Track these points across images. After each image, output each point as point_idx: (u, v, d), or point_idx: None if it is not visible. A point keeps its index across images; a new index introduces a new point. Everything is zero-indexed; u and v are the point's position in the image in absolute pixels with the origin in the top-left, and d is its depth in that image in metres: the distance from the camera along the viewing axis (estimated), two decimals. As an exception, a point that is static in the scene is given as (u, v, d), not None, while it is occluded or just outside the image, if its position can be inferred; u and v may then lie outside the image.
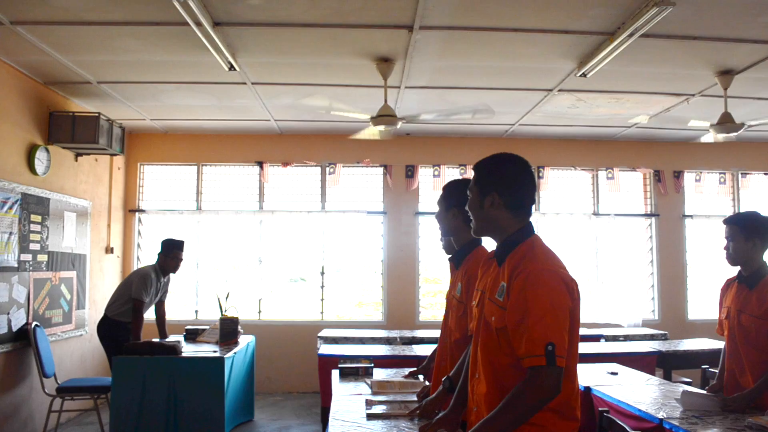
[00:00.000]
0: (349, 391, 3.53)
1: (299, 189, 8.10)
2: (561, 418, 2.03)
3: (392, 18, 4.34)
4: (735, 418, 2.94)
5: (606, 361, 4.89)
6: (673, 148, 8.32)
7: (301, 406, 7.07)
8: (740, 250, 3.29)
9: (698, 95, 6.14)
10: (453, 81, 5.78)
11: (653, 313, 8.30)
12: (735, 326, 3.34)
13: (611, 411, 3.21)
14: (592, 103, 6.47)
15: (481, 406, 2.15)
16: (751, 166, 8.47)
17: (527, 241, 2.15)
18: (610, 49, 4.63)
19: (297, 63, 5.34)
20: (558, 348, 1.91)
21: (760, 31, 4.58)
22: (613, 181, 8.26)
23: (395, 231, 8.02)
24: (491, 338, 2.11)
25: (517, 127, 7.52)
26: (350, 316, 8.24)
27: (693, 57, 5.11)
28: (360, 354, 4.97)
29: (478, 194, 2.21)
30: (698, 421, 2.92)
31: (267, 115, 7.04)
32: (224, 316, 5.82)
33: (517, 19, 4.37)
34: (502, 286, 2.08)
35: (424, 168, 8.11)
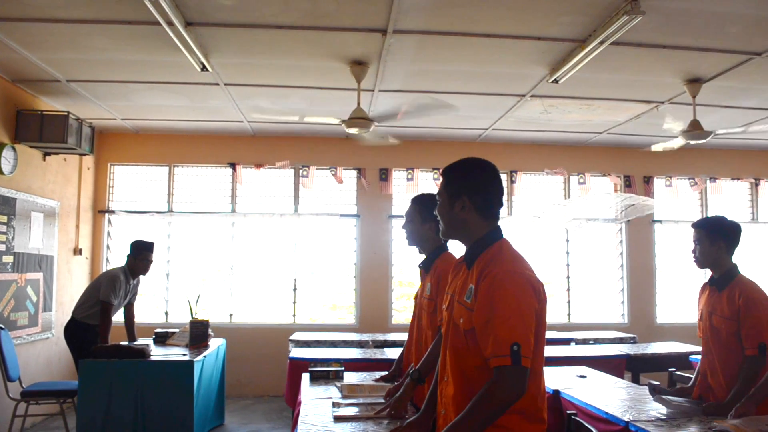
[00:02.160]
0: (319, 394, 3.52)
1: (272, 191, 8.06)
2: (527, 420, 2.05)
3: (366, 21, 4.34)
4: (700, 421, 2.98)
5: (576, 365, 4.95)
6: (644, 154, 8.41)
7: (272, 409, 7.02)
8: (706, 253, 3.38)
9: (668, 102, 6.25)
10: (427, 85, 5.80)
11: (623, 317, 8.41)
12: (708, 328, 3.42)
13: (579, 414, 3.25)
14: (564, 109, 6.54)
15: (449, 408, 2.16)
16: (719, 172, 8.63)
17: (496, 245, 2.17)
18: (582, 56, 4.69)
19: (270, 65, 5.31)
20: (523, 348, 1.93)
21: (728, 40, 4.67)
22: (585, 186, 8.36)
23: (369, 234, 8.02)
24: (460, 340, 2.13)
25: (490, 131, 7.57)
26: (323, 319, 8.21)
27: (662, 65, 5.19)
28: (331, 357, 4.96)
29: (447, 198, 2.23)
30: (664, 423, 2.96)
31: (240, 117, 6.99)
32: (194, 318, 5.76)
33: (491, 24, 4.41)
34: (471, 288, 2.10)
35: (398, 171, 8.12)
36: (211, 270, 8.06)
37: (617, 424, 3.08)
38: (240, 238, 7.99)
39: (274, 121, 7.20)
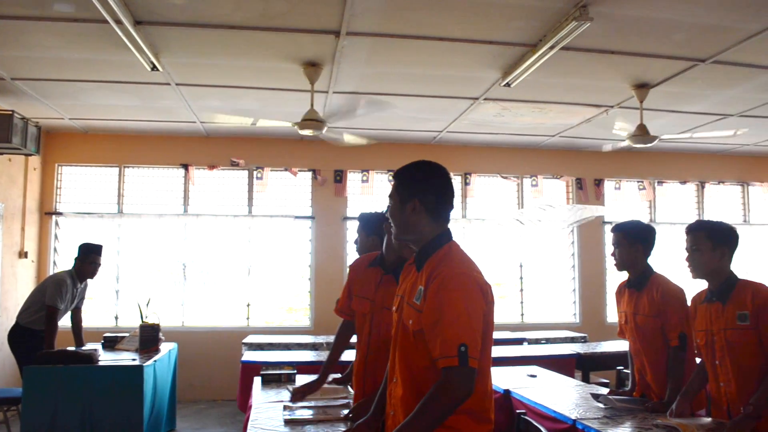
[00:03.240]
0: (270, 398, 3.50)
1: (226, 192, 7.96)
2: (475, 420, 2.07)
3: (319, 23, 4.33)
4: (644, 418, 3.07)
5: (527, 364, 5.02)
6: (595, 156, 8.62)
7: (225, 414, 6.93)
8: (626, 255, 3.50)
9: (617, 107, 6.39)
10: (381, 87, 5.81)
11: (574, 317, 8.57)
12: (634, 329, 3.55)
13: (529, 413, 3.30)
14: (517, 112, 6.63)
15: (397, 409, 2.17)
16: (666, 175, 8.88)
17: (445, 247, 2.19)
18: (533, 60, 4.76)
19: (222, 65, 5.25)
20: (471, 349, 1.95)
21: (674, 47, 4.81)
22: (537, 188, 8.49)
23: (323, 236, 7.99)
24: (408, 342, 2.14)
25: (445, 134, 7.63)
26: (280, 321, 8.14)
27: (611, 70, 5.31)
28: (285, 360, 4.92)
29: (399, 201, 2.24)
30: (609, 421, 3.04)
31: (192, 117, 6.89)
32: (144, 322, 5.65)
33: (443, 28, 4.44)
34: (420, 290, 2.12)
35: (353, 173, 8.11)
36: (162, 273, 7.92)
37: (565, 422, 3.14)
38: (193, 240, 7.87)
39: (227, 121, 7.10)
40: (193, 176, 7.79)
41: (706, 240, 3.02)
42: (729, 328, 2.94)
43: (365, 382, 3.13)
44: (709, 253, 3.01)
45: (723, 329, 2.96)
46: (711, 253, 3.01)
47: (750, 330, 2.88)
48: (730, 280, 3.03)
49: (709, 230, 3.05)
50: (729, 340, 2.94)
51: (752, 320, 2.87)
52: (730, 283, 3.02)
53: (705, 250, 3.02)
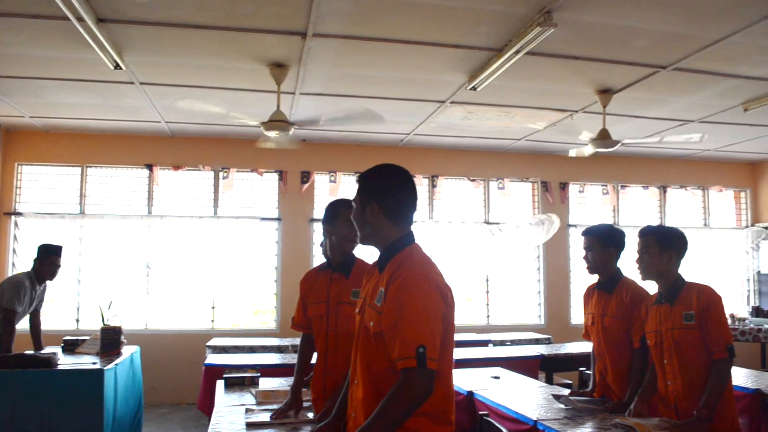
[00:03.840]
0: (233, 401, 3.47)
1: (191, 194, 7.87)
2: (434, 422, 2.08)
3: (285, 24, 4.31)
4: (603, 418, 3.12)
5: (492, 366, 5.06)
6: (560, 160, 8.73)
7: (189, 418, 6.85)
8: (598, 258, 3.56)
9: (581, 111, 6.49)
10: (348, 89, 5.81)
11: (539, 318, 8.67)
12: (600, 330, 3.62)
13: (491, 414, 3.32)
14: (483, 116, 6.69)
15: (358, 411, 2.17)
16: (629, 179, 9.05)
17: (406, 249, 2.20)
18: (498, 64, 4.81)
19: (188, 64, 5.19)
20: (429, 351, 1.96)
21: (636, 54, 4.90)
22: (504, 191, 8.57)
23: (290, 237, 7.95)
24: (369, 343, 2.15)
25: (412, 136, 7.65)
26: (247, 324, 8.07)
27: (575, 75, 5.39)
28: (249, 363, 4.88)
29: (359, 204, 2.25)
30: (569, 421, 3.08)
31: (157, 117, 6.80)
32: (106, 325, 5.54)
33: (410, 31, 4.46)
34: (381, 291, 2.13)
35: (320, 175, 8.09)
36: (125, 275, 7.79)
37: (526, 423, 3.18)
38: (157, 241, 7.76)
39: (192, 121, 7.03)
40: (157, 177, 7.68)
41: (654, 244, 3.16)
42: (676, 328, 3.07)
43: (326, 379, 3.14)
44: (657, 256, 3.15)
45: (671, 329, 3.09)
46: (659, 256, 3.15)
47: (695, 329, 3.02)
48: (678, 283, 3.16)
49: (658, 235, 3.19)
50: (676, 339, 3.06)
51: (697, 320, 3.02)
52: (677, 286, 3.16)
53: (653, 254, 3.15)
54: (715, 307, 3.02)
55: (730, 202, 9.68)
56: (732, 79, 5.47)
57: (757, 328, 7.36)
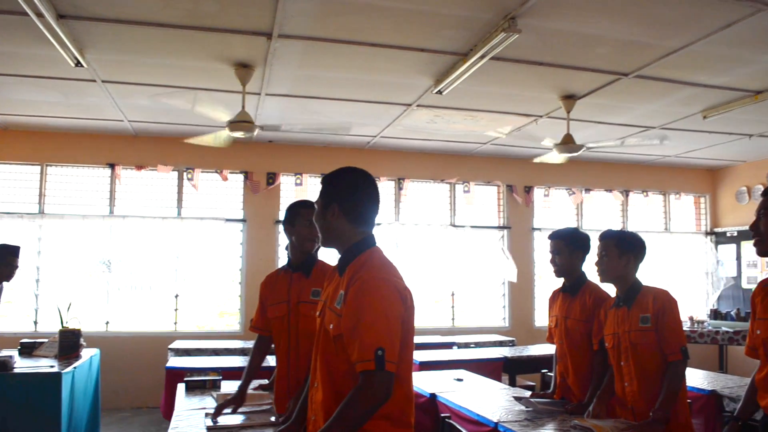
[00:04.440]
0: (194, 405, 3.43)
1: (154, 194, 7.76)
2: (394, 425, 2.08)
3: (250, 24, 4.28)
4: (563, 420, 3.16)
5: (456, 368, 5.09)
6: (525, 164, 8.82)
7: (150, 421, 6.74)
8: (566, 262, 3.60)
9: (545, 116, 6.57)
10: (314, 91, 5.79)
11: (504, 321, 8.75)
12: (563, 332, 3.66)
13: (453, 416, 3.35)
14: (449, 119, 6.72)
15: (318, 414, 2.16)
16: (593, 183, 9.19)
17: (367, 252, 2.19)
18: (464, 69, 4.84)
19: (151, 63, 5.11)
20: (388, 353, 1.96)
21: (598, 61, 4.98)
22: (469, 195, 8.63)
23: (255, 239, 7.88)
24: (329, 346, 2.14)
25: (379, 139, 7.66)
26: (212, 326, 7.98)
27: (540, 81, 5.45)
28: (212, 366, 4.82)
29: (321, 206, 2.24)
30: (529, 423, 3.11)
31: (120, 115, 6.68)
32: (65, 327, 5.43)
33: (376, 34, 4.46)
34: (341, 294, 2.12)
35: (286, 176, 8.05)
36: (86, 276, 7.64)
37: (487, 425, 3.20)
38: (118, 242, 7.63)
39: (156, 120, 6.93)
40: (120, 176, 7.55)
41: (614, 248, 3.21)
42: (633, 330, 3.12)
43: (289, 380, 3.14)
44: (615, 260, 3.20)
45: (627, 331, 3.14)
46: (617, 260, 3.20)
47: (650, 332, 3.07)
48: (635, 287, 3.22)
49: (617, 239, 3.24)
50: (633, 341, 3.11)
51: (653, 323, 3.07)
52: (635, 289, 3.21)
53: (612, 257, 3.21)
54: (671, 310, 3.08)
55: (690, 207, 9.91)
56: (692, 87, 5.59)
57: (715, 331, 7.53)
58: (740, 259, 9.23)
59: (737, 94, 5.78)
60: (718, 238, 9.68)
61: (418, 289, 8.30)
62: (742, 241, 9.17)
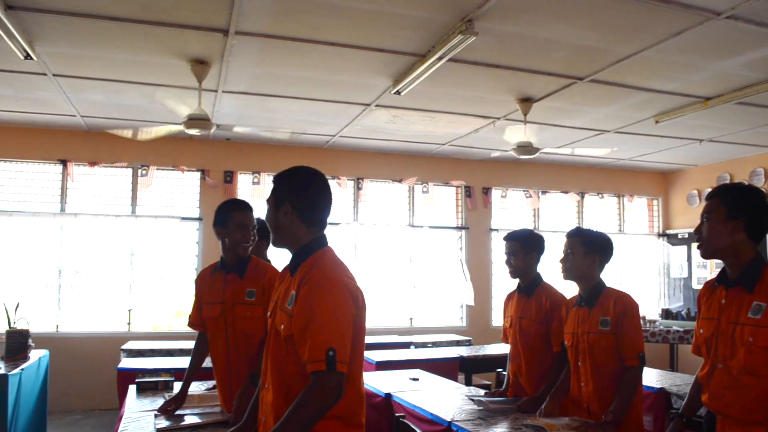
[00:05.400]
0: (144, 407, 3.36)
1: (107, 191, 7.58)
2: (345, 425, 2.08)
3: (207, 20, 4.22)
4: (515, 418, 3.20)
5: (412, 368, 5.10)
6: (483, 165, 8.93)
7: (102, 424, 6.60)
8: (522, 264, 3.64)
9: (503, 119, 6.63)
10: (272, 89, 5.74)
11: (461, 320, 8.81)
12: (517, 332, 3.70)
13: (408, 416, 3.36)
14: (408, 120, 6.74)
15: (268, 415, 2.15)
16: (550, 185, 9.33)
17: (319, 252, 2.19)
18: (422, 69, 4.86)
19: (105, 57, 4.99)
20: (339, 354, 1.96)
21: (554, 65, 5.05)
22: (428, 195, 8.68)
23: (212, 238, 7.73)
24: (280, 347, 2.13)
25: (338, 138, 7.64)
26: (169, 326, 7.84)
27: (497, 84, 5.51)
28: (165, 367, 4.74)
29: (273, 205, 2.23)
30: (482, 422, 3.14)
31: (72, 110, 6.52)
32: (12, 328, 5.27)
33: (334, 33, 4.45)
34: (292, 295, 2.11)
35: (244, 174, 7.96)
36: (35, 275, 7.43)
37: (441, 424, 3.22)
38: (70, 240, 7.44)
39: (110, 116, 6.78)
40: (72, 173, 7.36)
41: (580, 246, 3.21)
42: (591, 332, 3.11)
43: (231, 381, 3.12)
44: (581, 258, 3.20)
45: (587, 332, 3.13)
46: (583, 258, 3.19)
47: (609, 335, 3.05)
48: (598, 287, 3.21)
49: (585, 237, 3.24)
50: (591, 343, 3.11)
51: (612, 326, 3.06)
52: (597, 290, 3.21)
53: (578, 255, 3.21)
54: (631, 315, 3.07)
55: (643, 209, 10.14)
56: (644, 93, 5.72)
57: (666, 330, 7.71)
58: (691, 260, 9.49)
59: (688, 100, 5.94)
60: (670, 239, 9.93)
61: (376, 289, 8.33)
62: (693, 242, 9.42)
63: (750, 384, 2.26)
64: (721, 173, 9.03)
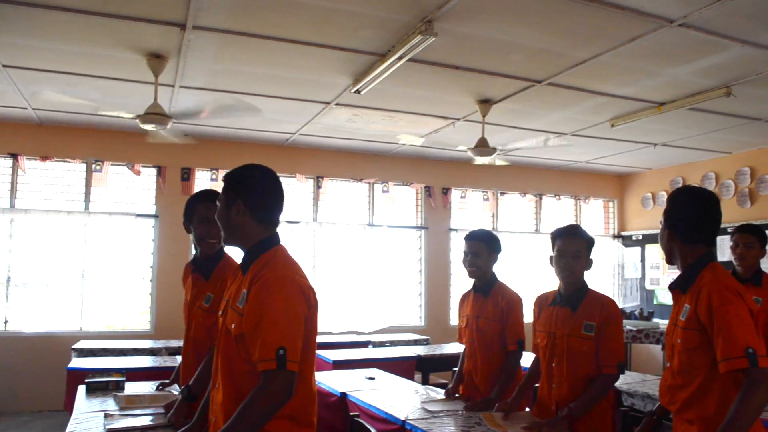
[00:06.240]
0: (94, 407, 3.28)
1: (60, 187, 7.38)
2: (296, 424, 2.07)
3: (163, 14, 4.14)
4: (468, 417, 3.22)
5: (370, 366, 5.10)
6: (443, 166, 8.98)
7: (52, 425, 6.43)
8: (482, 263, 3.68)
9: (462, 120, 6.68)
10: (231, 85, 5.66)
11: (420, 319, 8.85)
12: (474, 331, 3.73)
13: (363, 415, 3.35)
14: (368, 119, 6.74)
15: (219, 415, 2.13)
16: (508, 186, 9.44)
17: (271, 250, 2.17)
18: (382, 69, 4.86)
19: (58, 49, 4.85)
20: (289, 353, 1.94)
21: (513, 67, 5.11)
22: (388, 195, 8.69)
23: (168, 236, 7.63)
24: (231, 346, 2.11)
25: (298, 136, 7.58)
26: (123, 325, 7.68)
27: (456, 85, 5.54)
28: (116, 367, 4.65)
29: (225, 203, 2.20)
30: (435, 420, 3.15)
31: (23, 103, 6.32)
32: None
33: (293, 30, 4.41)
34: (243, 293, 2.09)
35: (202, 171, 7.85)
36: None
37: (395, 423, 3.22)
38: (20, 237, 7.22)
39: (63, 109, 6.60)
40: (22, 167, 7.15)
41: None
42: (574, 335, 3.04)
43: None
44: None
45: (567, 335, 3.06)
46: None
47: (591, 341, 3.00)
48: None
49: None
50: (571, 346, 3.04)
51: (596, 332, 3.01)
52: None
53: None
54: (616, 323, 3.04)
55: (599, 211, 10.34)
56: (600, 97, 5.83)
57: (619, 330, 7.85)
58: (644, 261, 9.71)
59: (642, 105, 6.07)
60: (624, 240, 10.14)
61: (334, 288, 8.31)
62: (647, 244, 9.65)
63: (682, 384, 2.32)
64: (675, 177, 9.26)
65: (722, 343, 2.13)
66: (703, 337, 2.23)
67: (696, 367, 2.26)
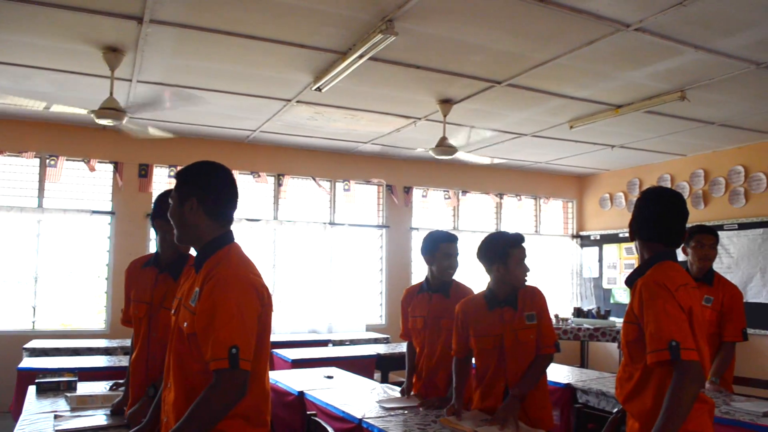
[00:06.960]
0: (44, 408, 3.21)
1: (13, 182, 7.16)
2: (249, 424, 2.05)
3: (119, 6, 4.05)
4: (425, 415, 3.24)
5: (329, 365, 5.11)
6: (405, 165, 9.00)
7: (2, 428, 6.26)
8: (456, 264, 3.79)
9: (424, 119, 6.71)
10: (190, 81, 5.57)
11: (381, 318, 8.86)
12: (434, 332, 3.72)
13: (320, 414, 3.36)
14: (330, 117, 6.71)
15: (170, 415, 2.10)
16: (469, 185, 9.50)
17: (225, 248, 2.15)
18: (343, 67, 4.85)
19: (9, 40, 4.71)
20: (242, 351, 1.93)
21: (473, 68, 5.15)
22: (350, 193, 8.67)
23: (125, 233, 7.49)
24: (183, 345, 2.09)
25: (258, 133, 7.51)
26: (79, 324, 7.50)
27: (418, 84, 5.56)
28: (69, 367, 4.55)
29: (178, 200, 2.17)
30: (393, 419, 3.16)
31: (-26, 96, 6.14)
32: None
33: (253, 26, 4.37)
34: (196, 292, 2.07)
35: (160, 168, 7.72)
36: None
37: (352, 421, 3.22)
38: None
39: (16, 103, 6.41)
40: (-27, 162, 6.93)
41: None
42: (520, 329, 3.22)
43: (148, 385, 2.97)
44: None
45: (515, 330, 3.23)
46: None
47: (534, 328, 3.22)
48: (513, 288, 3.38)
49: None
50: (520, 339, 3.21)
51: (537, 319, 3.24)
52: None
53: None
54: (547, 308, 3.30)
55: (558, 211, 10.50)
56: (559, 99, 5.91)
57: (578, 328, 8.00)
58: (602, 261, 9.89)
59: (600, 107, 6.18)
60: (582, 240, 10.31)
61: (295, 287, 8.27)
62: (604, 244, 9.83)
63: (628, 377, 2.38)
64: (632, 178, 9.46)
65: (648, 335, 2.20)
66: (640, 331, 2.29)
67: (636, 360, 2.33)
